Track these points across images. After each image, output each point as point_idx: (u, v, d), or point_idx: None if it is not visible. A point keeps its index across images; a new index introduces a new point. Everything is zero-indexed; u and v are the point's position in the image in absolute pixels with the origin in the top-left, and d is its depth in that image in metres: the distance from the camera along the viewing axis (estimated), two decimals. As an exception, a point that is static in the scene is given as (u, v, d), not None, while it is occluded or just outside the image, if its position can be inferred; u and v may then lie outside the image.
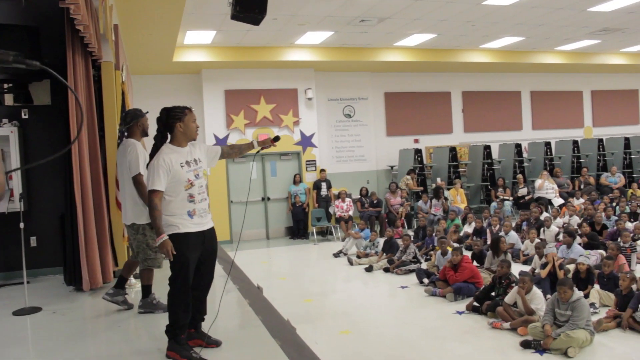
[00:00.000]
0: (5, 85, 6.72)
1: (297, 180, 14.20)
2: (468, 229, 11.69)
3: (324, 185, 14.23)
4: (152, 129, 4.42)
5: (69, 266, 6.29)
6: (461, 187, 14.58)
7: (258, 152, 4.55)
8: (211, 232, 4.11)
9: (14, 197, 6.54)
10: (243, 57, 13.00)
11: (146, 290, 5.16)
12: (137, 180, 4.88)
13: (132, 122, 5.17)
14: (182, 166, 3.92)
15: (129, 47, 10.31)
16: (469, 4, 10.40)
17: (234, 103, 13.92)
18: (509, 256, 8.67)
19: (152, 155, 4.02)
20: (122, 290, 5.27)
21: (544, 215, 11.53)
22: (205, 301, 4.17)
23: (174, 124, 3.99)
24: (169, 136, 4.05)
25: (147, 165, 4.10)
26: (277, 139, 4.52)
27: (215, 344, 4.14)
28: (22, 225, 5.55)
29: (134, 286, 6.21)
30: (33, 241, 7.14)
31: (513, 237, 10.31)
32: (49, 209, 7.04)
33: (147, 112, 5.32)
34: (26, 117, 7.08)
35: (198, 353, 3.93)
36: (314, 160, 14.59)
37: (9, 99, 6.95)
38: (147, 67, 12.69)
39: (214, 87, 13.83)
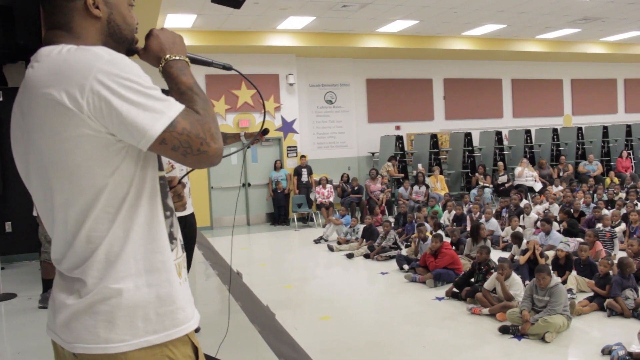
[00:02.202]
0: (-21, 67, 6.58)
1: (277, 166, 14.14)
2: (448, 216, 11.74)
3: (304, 171, 14.18)
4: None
5: (45, 252, 6.18)
6: (441, 174, 14.63)
7: (249, 146, 4.41)
8: (191, 218, 4.06)
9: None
10: (224, 42, 12.86)
11: (46, 284, 5.02)
12: None
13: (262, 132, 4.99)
14: None
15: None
16: (451, -10, 10.39)
17: (215, 88, 13.78)
18: (489, 243, 8.72)
19: None
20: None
21: (524, 202, 11.62)
22: None
23: None
24: None
25: None
26: (265, 132, 4.34)
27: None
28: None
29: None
30: (8, 226, 7.03)
31: (493, 224, 10.38)
32: (25, 194, 6.88)
33: None
34: (1, 99, 6.94)
35: None
36: (295, 147, 14.54)
37: (-17, 81, 6.81)
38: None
39: (195, 71, 12.91)
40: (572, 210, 10.53)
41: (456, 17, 12.50)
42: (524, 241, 8.16)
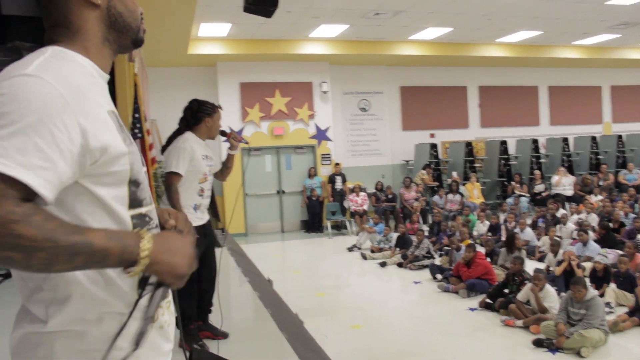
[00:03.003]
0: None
1: (311, 173, 14.18)
2: (482, 227, 11.55)
3: (338, 179, 14.19)
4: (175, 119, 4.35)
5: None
6: (477, 182, 14.47)
7: (246, 143, 4.41)
8: (209, 224, 4.14)
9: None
10: (258, 50, 12.98)
11: None
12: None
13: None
14: (203, 158, 3.93)
15: (145, 38, 10.31)
16: (484, -3, 10.30)
17: (249, 96, 13.91)
18: (523, 253, 8.58)
19: (170, 140, 4.01)
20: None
21: (561, 212, 11.40)
22: (212, 294, 4.18)
23: (203, 117, 4.01)
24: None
25: (163, 148, 4.07)
26: (223, 133, 4.35)
27: (223, 335, 4.15)
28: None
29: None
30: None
31: (528, 233, 10.21)
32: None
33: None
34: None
35: (206, 344, 3.94)
36: (329, 154, 14.56)
37: None
38: (163, 60, 12.72)
39: (229, 79, 13.83)
40: (611, 220, 10.30)
41: (490, 24, 12.38)
42: (560, 251, 8.01)
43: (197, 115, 4.02)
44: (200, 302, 4.14)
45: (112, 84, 6.33)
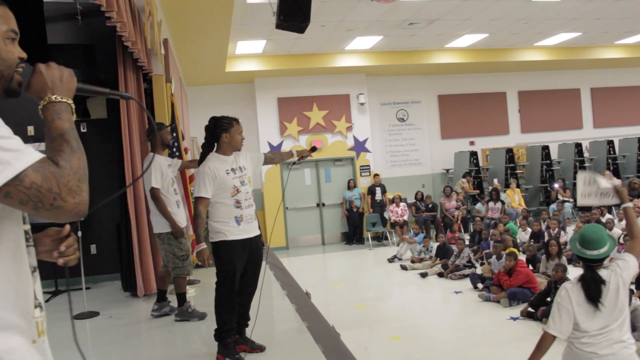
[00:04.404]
0: (65, 100, 6.99)
1: (351, 185, 14.21)
2: (524, 235, 11.35)
3: (378, 190, 14.18)
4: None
5: (125, 273, 6.53)
6: (518, 188, 14.24)
7: (295, 162, 4.67)
8: (257, 240, 4.20)
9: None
10: (294, 65, 13.13)
11: (180, 298, 5.27)
12: (153, 194, 5.09)
13: (150, 135, 5.34)
14: (227, 173, 4.04)
15: (182, 59, 10.60)
16: (519, 1, 10.17)
17: (287, 110, 14.06)
18: (564, 260, 8.40)
19: (199, 163, 4.16)
20: (164, 302, 5.41)
21: (607, 217, 11.13)
22: (249, 308, 4.25)
23: (220, 134, 4.12)
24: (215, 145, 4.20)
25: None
26: (314, 149, 4.63)
27: (260, 349, 4.20)
28: (79, 233, 5.79)
29: (188, 291, 6.35)
30: (93, 249, 7.43)
31: (572, 239, 9.99)
32: (107, 218, 7.30)
33: (168, 126, 5.50)
34: (84, 130, 7.38)
35: (243, 358, 4.01)
36: (368, 166, 14.56)
37: (69, 114, 7.24)
38: (201, 78, 12.99)
39: (267, 95, 14.01)
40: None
41: (527, 28, 12.23)
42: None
43: (215, 133, 4.15)
44: (237, 316, 4.22)
45: (150, 105, 6.52)
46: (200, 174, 4.02)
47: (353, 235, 14.04)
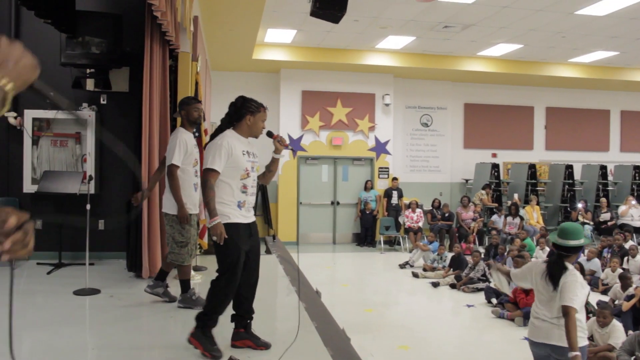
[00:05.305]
0: (88, 71, 6.85)
1: (368, 186, 13.98)
2: (541, 253, 11.04)
3: (395, 193, 13.93)
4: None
5: (131, 252, 6.35)
6: (537, 205, 13.92)
7: (285, 147, 4.12)
8: (255, 225, 3.99)
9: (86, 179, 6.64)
10: (322, 59, 12.91)
11: (184, 285, 5.06)
12: (169, 171, 4.80)
13: (179, 110, 5.08)
14: (243, 154, 3.81)
15: (211, 41, 10.42)
16: (560, 13, 9.87)
17: (310, 104, 13.85)
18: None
19: (213, 136, 3.91)
20: (162, 282, 5.19)
21: (629, 243, 10.79)
22: (252, 301, 4.02)
23: (245, 114, 3.89)
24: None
25: (205, 146, 3.99)
26: (270, 134, 4.12)
27: (265, 346, 3.98)
28: (88, 207, 5.62)
29: (193, 277, 6.14)
30: (101, 224, 7.26)
31: (595, 264, 9.69)
32: (118, 194, 7.13)
33: (197, 101, 5.17)
34: (104, 102, 7.23)
35: (220, 351, 3.78)
36: (387, 168, 14.32)
37: (90, 84, 7.11)
38: (227, 64, 12.81)
39: (292, 87, 13.81)
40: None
41: (564, 42, 11.90)
42: (633, 287, 7.50)
43: (240, 112, 3.90)
44: (239, 309, 3.99)
45: (174, 82, 6.33)
46: (216, 146, 3.75)
47: (365, 237, 13.81)
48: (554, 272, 3.87)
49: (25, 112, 7.11)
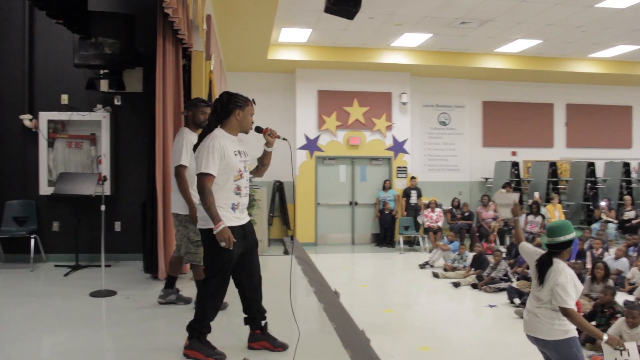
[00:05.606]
0: (101, 71, 6.81)
1: (386, 186, 13.84)
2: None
3: (414, 193, 13.78)
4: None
5: (147, 254, 6.28)
6: (559, 203, 13.68)
7: (276, 137, 3.98)
8: (250, 225, 3.86)
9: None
10: (338, 58, 12.81)
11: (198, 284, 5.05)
12: (177, 172, 4.71)
13: (186, 110, 4.99)
14: (235, 154, 3.67)
15: (225, 41, 10.37)
16: (580, 7, 9.66)
17: (327, 104, 13.75)
18: (611, 282, 7.90)
19: (202, 137, 3.76)
20: (171, 289, 5.11)
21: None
22: (260, 301, 3.91)
23: (233, 109, 3.73)
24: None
25: (194, 148, 3.84)
26: (258, 129, 4.00)
27: (282, 347, 3.87)
28: (102, 208, 5.56)
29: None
30: (117, 226, 7.22)
31: (623, 263, 9.47)
32: (134, 196, 7.09)
33: (205, 104, 5.03)
34: (119, 103, 7.18)
35: (222, 353, 3.68)
36: (405, 167, 14.16)
37: (104, 85, 7.06)
38: (242, 64, 12.76)
39: (308, 86, 13.72)
40: None
41: (584, 37, 11.67)
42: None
43: (227, 107, 3.74)
44: (250, 311, 3.88)
45: (188, 82, 6.26)
46: (208, 149, 3.57)
47: (384, 237, 13.67)
48: (541, 268, 4.15)
49: (40, 114, 7.09)
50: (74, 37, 6.35)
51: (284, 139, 4.00)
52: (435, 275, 10.16)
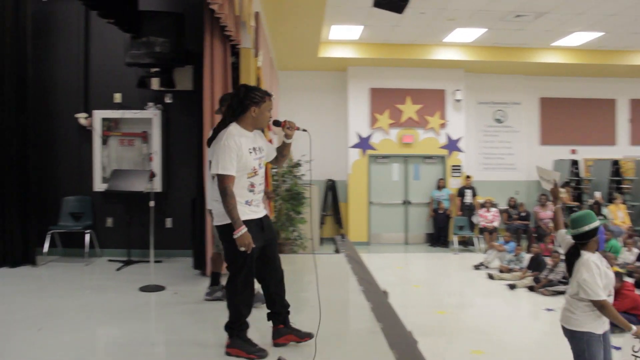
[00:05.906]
0: (152, 70, 6.89)
1: (440, 185, 13.59)
2: (629, 255, 10.36)
3: (468, 192, 13.48)
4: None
5: (197, 250, 6.32)
6: (623, 203, 13.11)
7: (297, 129, 3.87)
8: (267, 218, 3.78)
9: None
10: (390, 55, 12.65)
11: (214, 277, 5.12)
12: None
13: (220, 106, 4.91)
14: (250, 152, 3.58)
15: (275, 40, 10.38)
16: (645, -4, 9.22)
17: (379, 102, 13.61)
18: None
19: (216, 131, 3.69)
20: (217, 286, 5.13)
21: None
22: (283, 296, 3.84)
23: (249, 106, 3.63)
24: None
25: (209, 141, 3.77)
26: (277, 123, 3.88)
27: (308, 336, 3.76)
28: (151, 204, 5.62)
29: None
30: (169, 222, 7.32)
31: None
32: (184, 192, 7.16)
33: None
34: (169, 101, 7.28)
35: (265, 350, 3.62)
36: (460, 166, 13.87)
37: (155, 83, 7.15)
38: (293, 63, 12.76)
39: (360, 84, 13.62)
40: None
41: (650, 29, 11.14)
42: None
43: (244, 103, 3.64)
44: (274, 306, 3.82)
45: (237, 79, 6.25)
46: (226, 148, 3.49)
47: (438, 237, 13.44)
48: (570, 260, 4.35)
49: (94, 113, 7.25)
50: (125, 36, 6.46)
51: (304, 130, 3.91)
52: (490, 277, 9.90)
